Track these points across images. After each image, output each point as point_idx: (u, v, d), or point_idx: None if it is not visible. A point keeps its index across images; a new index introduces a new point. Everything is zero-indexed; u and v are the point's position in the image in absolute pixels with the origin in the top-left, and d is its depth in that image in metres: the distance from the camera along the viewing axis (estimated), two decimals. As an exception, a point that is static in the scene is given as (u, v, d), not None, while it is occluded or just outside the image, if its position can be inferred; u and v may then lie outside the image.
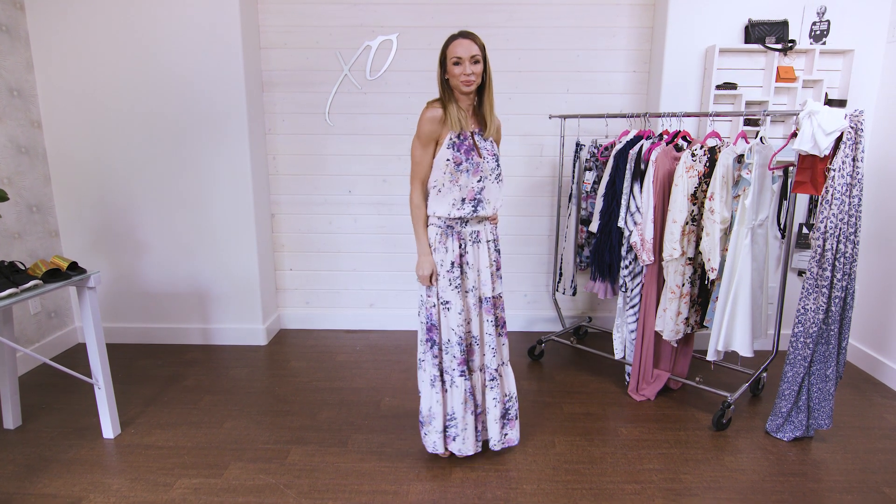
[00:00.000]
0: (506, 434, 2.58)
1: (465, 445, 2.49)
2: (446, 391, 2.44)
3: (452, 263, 2.36)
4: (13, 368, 2.76)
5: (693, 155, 2.89)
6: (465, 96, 2.29)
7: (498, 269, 2.49)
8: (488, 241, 2.44)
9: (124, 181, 3.75)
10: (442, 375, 2.45)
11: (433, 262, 2.35)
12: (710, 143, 3.05)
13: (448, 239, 2.36)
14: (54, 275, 2.48)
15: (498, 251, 2.50)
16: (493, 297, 2.45)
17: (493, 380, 2.48)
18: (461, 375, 2.41)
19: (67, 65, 3.59)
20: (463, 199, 2.31)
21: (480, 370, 2.49)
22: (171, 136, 3.69)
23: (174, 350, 3.89)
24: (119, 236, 3.83)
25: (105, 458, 2.60)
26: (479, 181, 2.31)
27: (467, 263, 2.38)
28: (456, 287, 2.37)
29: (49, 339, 3.70)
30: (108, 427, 2.76)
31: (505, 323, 2.55)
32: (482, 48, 2.22)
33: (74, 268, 2.57)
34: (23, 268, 2.45)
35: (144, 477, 2.46)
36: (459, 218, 2.35)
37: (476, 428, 2.52)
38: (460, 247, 2.37)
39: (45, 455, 2.62)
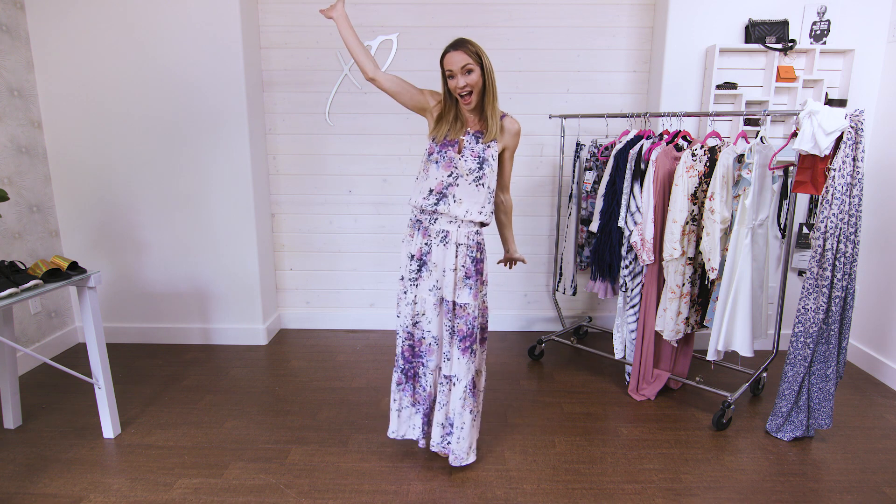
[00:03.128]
0: (448, 442, 2.45)
1: (396, 426, 2.54)
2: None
3: (412, 256, 2.38)
4: (13, 368, 2.76)
5: (693, 155, 2.90)
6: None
7: (467, 277, 2.33)
8: (459, 245, 2.32)
9: (124, 181, 3.75)
10: (396, 360, 2.52)
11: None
12: (711, 142, 3.05)
13: (415, 232, 2.39)
14: (54, 274, 2.48)
15: (473, 259, 2.33)
16: (455, 303, 2.35)
17: (442, 384, 2.41)
18: (402, 365, 2.48)
19: (67, 65, 3.59)
20: (430, 190, 2.32)
21: (438, 369, 2.44)
22: (171, 136, 3.69)
23: (174, 350, 3.89)
24: (119, 236, 3.84)
25: (105, 458, 2.60)
26: (449, 176, 2.29)
27: (431, 262, 2.35)
28: (412, 280, 2.39)
29: (49, 339, 3.70)
30: (109, 427, 2.76)
31: (467, 338, 2.35)
32: (475, 55, 2.18)
33: (74, 268, 2.57)
34: (23, 267, 2.45)
35: (144, 477, 2.46)
36: (425, 210, 2.34)
37: (420, 420, 2.50)
38: (425, 243, 2.35)
39: (45, 455, 2.62)
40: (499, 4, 3.79)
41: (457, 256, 2.33)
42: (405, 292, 2.42)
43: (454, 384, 2.39)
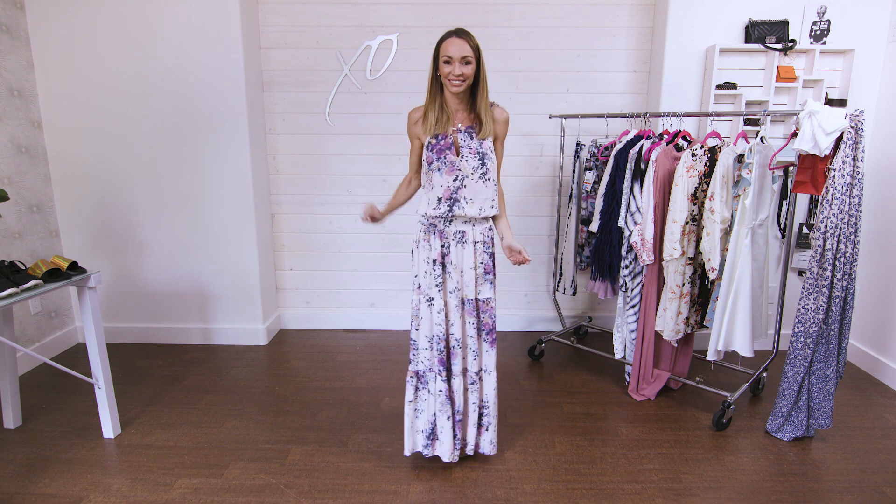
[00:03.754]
0: (476, 435, 2.53)
1: (441, 449, 2.46)
2: (430, 393, 2.44)
3: (434, 261, 2.35)
4: (13, 368, 2.76)
5: (693, 155, 2.89)
6: (454, 95, 2.26)
7: (487, 272, 2.39)
8: (476, 243, 2.37)
9: (125, 181, 3.75)
10: (422, 376, 2.45)
11: (369, 204, 2.50)
12: (711, 142, 3.05)
13: (431, 236, 2.36)
14: (54, 274, 2.48)
15: (490, 254, 2.40)
16: (477, 299, 2.40)
17: (472, 384, 2.44)
18: (440, 376, 2.39)
19: (67, 65, 3.59)
20: (439, 199, 2.31)
21: (463, 374, 2.44)
22: (171, 136, 3.69)
23: (174, 350, 3.89)
24: (119, 236, 3.84)
25: (105, 458, 2.60)
26: (454, 180, 2.29)
27: (451, 263, 2.35)
28: (437, 285, 2.36)
29: (49, 339, 3.70)
30: (109, 427, 2.76)
31: (492, 330, 2.44)
32: (475, 49, 2.18)
33: (74, 268, 2.57)
34: (23, 267, 2.45)
35: (145, 477, 2.46)
36: (438, 216, 2.34)
37: (454, 434, 2.46)
38: (442, 246, 2.35)
39: (45, 455, 2.62)
40: (498, 4, 3.79)
41: (475, 254, 2.36)
42: (431, 300, 2.37)
43: (482, 378, 2.47)
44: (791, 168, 2.93)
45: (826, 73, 3.46)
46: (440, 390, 2.40)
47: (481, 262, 2.38)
